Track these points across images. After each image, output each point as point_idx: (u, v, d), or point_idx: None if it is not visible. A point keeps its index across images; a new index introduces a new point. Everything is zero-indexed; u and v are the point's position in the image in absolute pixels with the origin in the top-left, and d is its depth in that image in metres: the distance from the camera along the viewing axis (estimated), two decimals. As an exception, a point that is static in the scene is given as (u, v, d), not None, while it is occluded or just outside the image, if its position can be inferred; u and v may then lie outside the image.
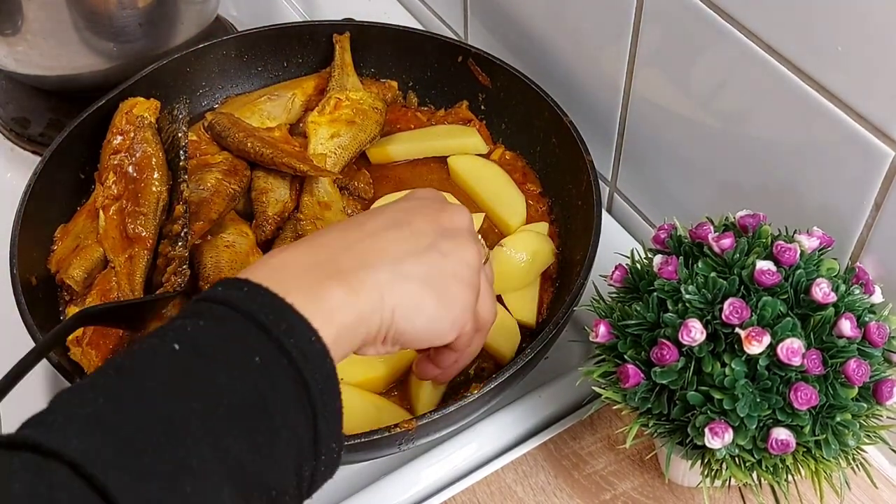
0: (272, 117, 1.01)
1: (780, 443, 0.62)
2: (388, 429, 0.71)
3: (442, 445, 0.81)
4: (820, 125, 0.72)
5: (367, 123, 0.98)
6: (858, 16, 0.65)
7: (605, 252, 0.80)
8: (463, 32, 1.17)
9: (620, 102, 0.93)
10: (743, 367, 0.63)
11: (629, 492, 0.78)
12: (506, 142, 1.02)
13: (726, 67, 0.78)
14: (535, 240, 0.91)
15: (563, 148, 0.93)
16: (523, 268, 0.88)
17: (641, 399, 0.66)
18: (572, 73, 0.98)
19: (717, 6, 0.75)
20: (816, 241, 0.68)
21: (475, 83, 1.02)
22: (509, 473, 0.80)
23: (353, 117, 0.98)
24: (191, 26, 1.08)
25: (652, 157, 0.93)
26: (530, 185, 0.98)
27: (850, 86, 0.68)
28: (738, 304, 0.63)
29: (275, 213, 0.91)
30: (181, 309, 0.53)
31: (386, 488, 0.79)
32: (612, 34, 0.89)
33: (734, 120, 0.80)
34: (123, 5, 1.00)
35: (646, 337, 0.66)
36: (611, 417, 0.83)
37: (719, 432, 0.62)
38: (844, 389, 0.63)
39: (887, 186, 0.69)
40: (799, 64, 0.71)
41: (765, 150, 0.78)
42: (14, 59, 1.03)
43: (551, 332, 0.77)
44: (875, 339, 0.64)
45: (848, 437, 0.64)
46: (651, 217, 0.98)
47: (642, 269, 0.71)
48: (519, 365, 0.75)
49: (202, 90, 1.04)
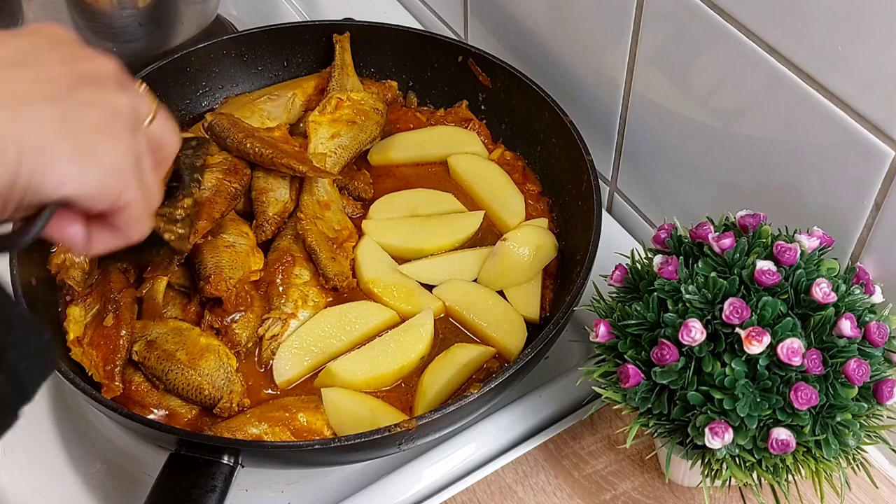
0: (272, 117, 1.01)
1: (781, 443, 0.62)
2: (388, 429, 0.71)
3: (442, 445, 0.81)
4: (820, 125, 0.72)
5: (368, 124, 0.98)
6: (858, 16, 0.65)
7: (605, 252, 0.80)
8: (463, 32, 1.17)
9: (620, 102, 0.93)
10: (743, 367, 0.63)
11: (629, 492, 0.78)
12: (506, 142, 1.02)
13: (726, 67, 0.78)
14: (538, 234, 0.91)
15: (563, 148, 0.94)
16: (526, 262, 0.89)
17: (641, 399, 0.66)
18: (572, 73, 0.98)
19: (717, 6, 0.75)
20: (816, 240, 0.68)
21: (475, 83, 1.02)
22: (509, 473, 0.80)
23: (354, 117, 0.98)
24: (191, 26, 1.08)
25: (652, 156, 0.93)
26: (530, 185, 0.98)
27: (850, 86, 0.68)
28: (738, 304, 0.63)
29: (275, 213, 0.91)
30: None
31: (386, 488, 0.79)
32: (612, 34, 0.89)
33: (734, 120, 0.80)
34: (123, 5, 1.00)
35: (646, 337, 0.66)
36: (611, 417, 0.83)
37: (719, 432, 0.62)
38: (845, 389, 0.63)
39: (887, 186, 0.69)
40: (799, 64, 0.71)
41: (765, 150, 0.78)
42: (14, 59, 1.03)
43: (551, 331, 0.77)
44: (875, 338, 0.64)
45: (848, 436, 0.64)
46: (651, 217, 0.98)
47: (642, 268, 0.71)
48: (519, 365, 0.75)
49: (202, 90, 1.04)
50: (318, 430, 0.79)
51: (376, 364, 0.83)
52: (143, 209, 0.54)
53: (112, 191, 0.51)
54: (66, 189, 0.49)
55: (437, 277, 0.90)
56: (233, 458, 0.72)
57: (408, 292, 0.89)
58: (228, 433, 0.77)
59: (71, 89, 0.50)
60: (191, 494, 0.70)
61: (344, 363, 0.83)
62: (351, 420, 0.79)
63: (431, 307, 0.87)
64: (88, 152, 0.49)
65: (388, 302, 0.88)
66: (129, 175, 0.52)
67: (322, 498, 0.82)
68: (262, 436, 0.78)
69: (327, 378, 0.83)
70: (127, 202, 0.52)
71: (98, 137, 0.50)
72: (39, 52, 0.51)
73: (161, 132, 0.57)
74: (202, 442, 0.73)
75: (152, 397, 0.82)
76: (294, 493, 0.82)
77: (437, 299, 0.88)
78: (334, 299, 0.88)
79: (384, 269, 0.90)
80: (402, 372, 0.84)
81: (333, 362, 0.84)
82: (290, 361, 0.84)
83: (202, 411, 0.82)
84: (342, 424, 0.80)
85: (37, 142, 0.47)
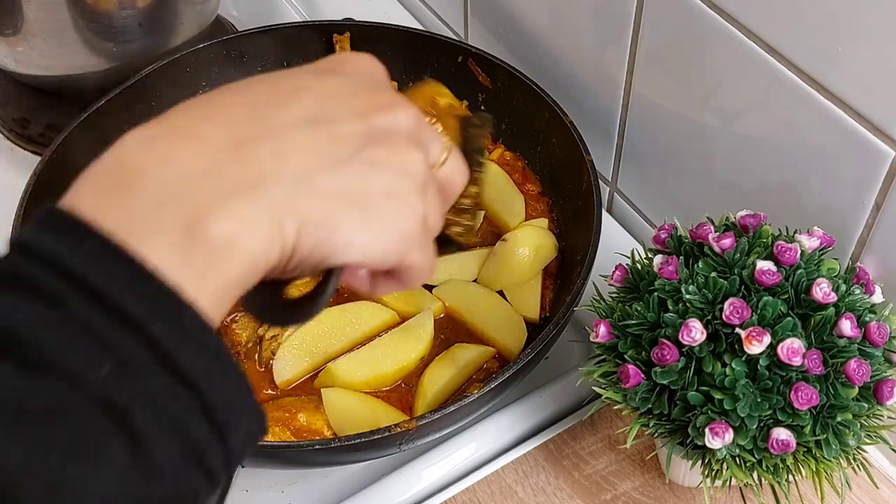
0: (272, 117, 1.01)
1: (781, 443, 0.62)
2: (388, 429, 0.71)
3: (442, 445, 0.81)
4: (820, 125, 0.72)
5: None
6: (858, 15, 0.65)
7: (605, 252, 0.80)
8: (463, 32, 1.17)
9: (620, 102, 0.93)
10: (743, 367, 0.63)
11: (630, 492, 0.78)
12: (506, 142, 1.02)
13: (726, 67, 0.78)
14: (538, 234, 0.91)
15: (563, 148, 0.93)
16: (526, 262, 0.89)
17: (642, 399, 0.66)
18: (572, 73, 0.98)
19: (717, 6, 0.75)
20: (817, 240, 0.68)
21: (475, 83, 1.02)
22: (509, 473, 0.80)
23: (353, 117, 0.98)
24: (191, 26, 1.08)
25: (652, 156, 0.93)
26: (530, 186, 0.98)
27: (850, 86, 0.68)
28: (738, 304, 0.63)
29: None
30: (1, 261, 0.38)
31: (386, 488, 0.79)
32: (612, 34, 0.89)
33: (734, 120, 0.80)
34: (123, 5, 1.00)
35: (646, 337, 0.66)
36: (611, 417, 0.83)
37: (720, 432, 0.62)
38: (845, 389, 0.63)
39: (887, 186, 0.69)
40: (799, 64, 0.71)
41: (765, 150, 0.78)
42: (14, 59, 1.03)
43: (551, 332, 0.77)
44: (875, 338, 0.64)
45: (848, 436, 0.64)
46: (651, 217, 0.98)
47: (643, 269, 0.71)
48: (519, 365, 0.75)
49: (202, 90, 1.04)
50: (318, 430, 0.79)
51: (376, 364, 0.83)
52: (426, 265, 0.51)
53: (396, 256, 0.48)
54: (348, 258, 0.45)
55: (437, 277, 0.90)
56: (233, 459, 0.72)
57: (408, 292, 0.88)
58: (228, 433, 0.77)
59: (360, 149, 0.45)
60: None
61: (344, 363, 0.83)
62: (351, 420, 0.79)
63: (431, 307, 0.87)
64: (373, 220, 0.45)
65: (388, 302, 0.88)
66: (415, 238, 0.48)
67: (322, 498, 0.82)
68: (262, 436, 0.77)
69: (327, 378, 0.83)
70: (411, 263, 0.49)
71: (385, 204, 0.46)
72: (337, 103, 0.47)
73: (451, 175, 0.53)
74: (202, 442, 0.73)
75: (152, 397, 0.82)
76: (294, 493, 0.82)
77: (437, 299, 0.88)
78: (334, 299, 0.88)
79: (384, 269, 0.90)
80: (402, 372, 0.84)
81: (333, 362, 0.84)
82: (289, 361, 0.84)
83: (202, 411, 0.82)
84: (342, 424, 0.80)
85: (319, 216, 0.43)
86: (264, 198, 0.41)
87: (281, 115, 0.44)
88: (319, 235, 0.43)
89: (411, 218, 0.48)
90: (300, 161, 0.43)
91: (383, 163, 0.46)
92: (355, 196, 0.45)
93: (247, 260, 0.41)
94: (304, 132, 0.44)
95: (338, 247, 0.44)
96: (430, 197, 0.49)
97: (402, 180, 0.47)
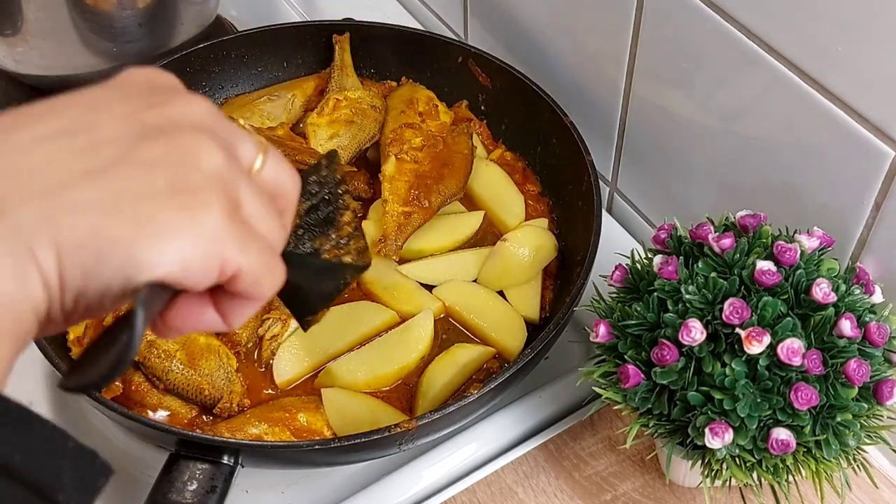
0: (272, 118, 1.01)
1: (781, 443, 0.62)
2: (388, 429, 0.71)
3: (442, 445, 0.81)
4: (820, 125, 0.72)
5: (366, 123, 0.98)
6: (858, 16, 0.65)
7: (605, 252, 0.80)
8: (463, 32, 1.17)
9: (620, 102, 0.93)
10: (743, 368, 0.63)
11: (630, 492, 0.78)
12: (506, 142, 1.02)
13: (726, 67, 0.78)
14: (538, 235, 0.91)
15: (563, 148, 0.93)
16: (526, 263, 0.89)
17: (642, 399, 0.66)
18: (572, 73, 0.98)
19: (717, 6, 0.75)
20: (817, 241, 0.68)
21: (475, 83, 1.02)
22: (509, 474, 0.80)
23: (352, 117, 0.98)
24: (191, 26, 1.08)
25: (652, 157, 0.93)
26: (530, 186, 0.98)
27: (850, 86, 0.68)
28: (738, 304, 0.63)
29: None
30: None
31: (386, 488, 0.79)
32: (612, 34, 0.89)
33: (734, 120, 0.80)
34: (123, 5, 1.00)
35: (646, 337, 0.66)
36: (611, 418, 0.83)
37: (720, 432, 0.62)
38: (845, 389, 0.63)
39: (887, 186, 0.69)
40: (799, 64, 0.71)
41: (765, 150, 0.78)
42: (14, 59, 1.03)
43: (551, 332, 0.77)
44: (875, 339, 0.64)
45: (848, 437, 0.64)
46: (651, 217, 0.98)
47: (642, 269, 0.71)
48: (519, 365, 0.75)
49: (202, 91, 1.04)
50: (318, 430, 0.79)
51: (376, 364, 0.83)
52: (260, 268, 0.43)
53: (208, 264, 0.40)
54: (142, 277, 0.38)
55: (437, 278, 0.90)
56: (233, 459, 0.72)
57: (408, 293, 0.89)
58: (228, 433, 0.77)
59: (128, 151, 0.39)
60: (191, 495, 0.70)
61: (344, 363, 0.83)
62: (351, 420, 0.79)
63: (431, 307, 0.87)
64: (158, 228, 0.39)
65: (388, 302, 0.88)
66: (226, 239, 0.41)
67: (322, 498, 0.82)
68: (262, 436, 0.78)
69: (327, 378, 0.83)
70: (235, 270, 0.41)
71: (169, 202, 0.39)
72: (103, 111, 0.41)
73: (277, 179, 0.46)
74: (202, 442, 0.73)
75: (152, 397, 0.82)
76: (294, 493, 0.82)
77: (437, 299, 0.88)
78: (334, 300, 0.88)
79: (384, 269, 0.90)
80: (402, 372, 0.84)
81: (333, 362, 0.84)
82: (290, 361, 0.84)
83: (202, 411, 0.82)
84: (342, 424, 0.80)
85: (80, 235, 0.37)
86: (2, 226, 0.35)
87: (26, 131, 0.39)
88: (85, 258, 0.37)
89: (208, 214, 0.40)
90: (46, 177, 0.37)
91: (161, 160, 0.40)
92: (125, 202, 0.38)
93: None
94: (49, 145, 0.38)
95: (118, 273, 0.38)
96: (246, 197, 0.43)
97: (191, 175, 0.40)
